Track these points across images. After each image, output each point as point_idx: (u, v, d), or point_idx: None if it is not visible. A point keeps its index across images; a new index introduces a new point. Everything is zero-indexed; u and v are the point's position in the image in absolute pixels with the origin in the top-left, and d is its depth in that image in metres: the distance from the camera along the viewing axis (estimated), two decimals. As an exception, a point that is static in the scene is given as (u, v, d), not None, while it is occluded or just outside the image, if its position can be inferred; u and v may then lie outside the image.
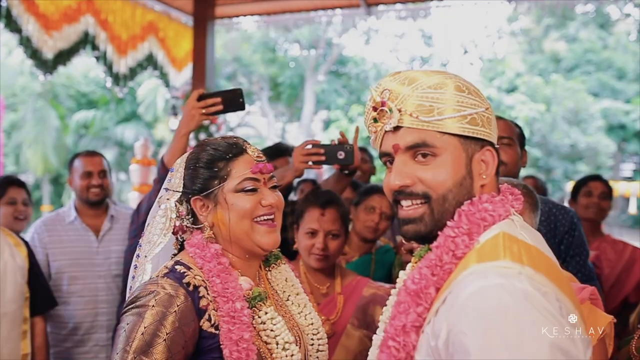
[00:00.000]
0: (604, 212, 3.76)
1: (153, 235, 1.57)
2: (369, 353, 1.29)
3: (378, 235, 3.06)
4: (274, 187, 1.58)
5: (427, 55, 24.79)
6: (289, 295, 1.68)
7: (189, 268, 1.45)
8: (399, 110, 1.17)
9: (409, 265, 1.26)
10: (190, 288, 1.40)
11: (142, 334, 1.30)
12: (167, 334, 1.31)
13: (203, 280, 1.43)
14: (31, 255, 2.98)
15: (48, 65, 5.07)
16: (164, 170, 2.69)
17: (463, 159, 1.17)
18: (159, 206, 1.58)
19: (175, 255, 1.58)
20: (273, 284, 1.67)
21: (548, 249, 1.17)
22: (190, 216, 1.56)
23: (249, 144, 1.59)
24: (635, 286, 3.46)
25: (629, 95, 20.75)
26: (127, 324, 1.34)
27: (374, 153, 4.52)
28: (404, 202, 1.20)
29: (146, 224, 1.62)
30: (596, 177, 3.94)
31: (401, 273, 1.25)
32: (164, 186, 1.61)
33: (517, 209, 1.22)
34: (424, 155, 1.17)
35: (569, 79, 20.83)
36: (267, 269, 1.69)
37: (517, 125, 2.69)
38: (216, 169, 1.52)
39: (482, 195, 1.17)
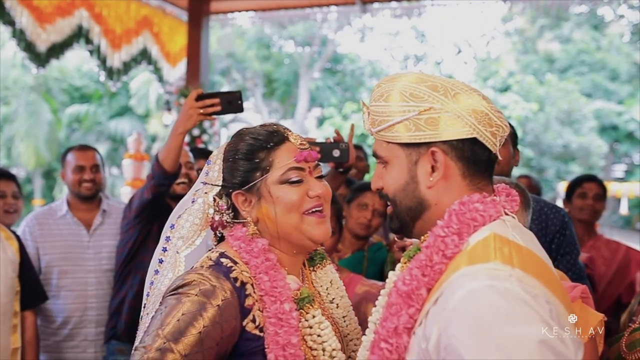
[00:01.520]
0: (599, 214, 3.75)
1: (188, 231, 1.47)
2: (358, 354, 1.28)
3: (370, 232, 3.06)
4: (320, 177, 1.46)
5: (422, 54, 24.83)
6: (334, 298, 1.56)
7: (235, 262, 1.35)
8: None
9: (398, 266, 1.25)
10: (238, 284, 1.31)
11: (178, 320, 1.21)
12: (203, 327, 1.22)
13: (250, 277, 1.34)
14: (22, 249, 2.96)
15: (41, 59, 5.05)
16: (158, 167, 2.70)
17: (405, 165, 1.20)
18: (193, 200, 1.48)
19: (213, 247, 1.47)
20: (316, 285, 1.55)
21: (541, 250, 1.16)
22: (230, 210, 1.45)
23: (290, 130, 1.48)
24: (629, 286, 3.49)
25: (622, 97, 20.89)
26: (165, 307, 1.25)
27: (369, 151, 4.53)
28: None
29: (175, 217, 1.51)
30: (590, 178, 3.89)
31: (391, 274, 1.25)
32: (200, 180, 1.50)
33: (513, 210, 1.21)
34: (382, 163, 1.25)
35: (562, 80, 20.92)
36: (311, 268, 1.57)
37: (509, 124, 2.70)
38: (257, 160, 1.41)
39: (474, 195, 1.16)
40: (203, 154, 3.59)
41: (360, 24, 22.35)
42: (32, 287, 2.98)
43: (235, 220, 1.44)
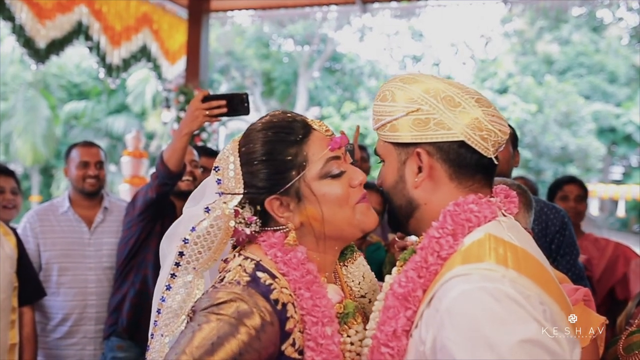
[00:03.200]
0: (581, 215, 3.74)
1: (207, 247, 1.29)
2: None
3: (367, 231, 3.05)
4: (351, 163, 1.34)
5: (420, 54, 24.83)
6: (366, 293, 1.44)
7: (273, 276, 1.20)
8: None
9: (394, 269, 1.26)
10: (279, 307, 1.16)
11: (212, 343, 1.08)
12: (238, 353, 1.09)
13: (290, 295, 1.20)
14: (20, 244, 2.96)
15: (40, 55, 5.05)
16: (162, 167, 2.72)
17: (396, 165, 1.23)
18: (207, 209, 1.28)
19: (234, 248, 1.33)
20: (347, 280, 1.43)
21: (538, 251, 1.16)
22: (258, 218, 1.29)
23: (306, 117, 1.33)
24: (620, 280, 3.49)
25: (620, 99, 20.91)
26: (198, 324, 1.12)
27: (370, 151, 4.54)
28: None
29: (188, 230, 1.30)
30: (571, 180, 3.88)
31: (387, 277, 1.24)
32: (212, 190, 1.32)
33: (511, 212, 1.22)
34: (381, 161, 1.28)
35: (561, 81, 20.94)
36: (341, 263, 1.44)
37: (509, 125, 2.70)
38: (289, 157, 1.24)
39: (469, 196, 1.16)
40: (206, 152, 3.60)
41: (359, 23, 22.36)
42: (30, 283, 2.98)
43: (268, 228, 1.29)
